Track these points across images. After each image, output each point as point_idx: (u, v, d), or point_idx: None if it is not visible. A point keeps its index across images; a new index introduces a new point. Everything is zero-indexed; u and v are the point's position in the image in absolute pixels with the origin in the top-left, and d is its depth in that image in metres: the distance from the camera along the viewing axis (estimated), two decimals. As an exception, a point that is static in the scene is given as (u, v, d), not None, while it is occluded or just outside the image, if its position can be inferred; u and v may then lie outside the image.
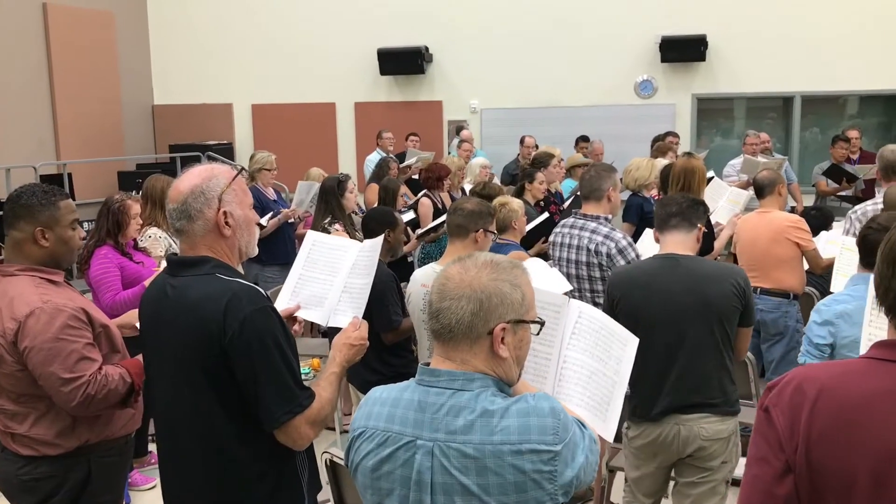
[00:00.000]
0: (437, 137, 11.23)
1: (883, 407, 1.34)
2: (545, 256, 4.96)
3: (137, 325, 2.42)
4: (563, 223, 4.33)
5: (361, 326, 2.42)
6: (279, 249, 6.49)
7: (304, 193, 6.73)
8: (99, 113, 10.66)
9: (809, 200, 8.81)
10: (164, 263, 4.41)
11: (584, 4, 10.75)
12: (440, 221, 5.89)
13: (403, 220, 5.50)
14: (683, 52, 10.46)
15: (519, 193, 6.11)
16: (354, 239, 3.42)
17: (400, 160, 8.47)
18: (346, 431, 4.49)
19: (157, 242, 4.96)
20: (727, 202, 5.91)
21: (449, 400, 1.67)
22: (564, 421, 1.65)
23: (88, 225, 5.61)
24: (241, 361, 2.07)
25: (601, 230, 4.08)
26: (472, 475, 1.62)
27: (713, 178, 6.39)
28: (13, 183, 7.76)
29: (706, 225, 3.55)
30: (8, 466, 2.75)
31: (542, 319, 1.76)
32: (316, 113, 11.54)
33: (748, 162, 7.88)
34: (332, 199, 5.74)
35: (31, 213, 2.73)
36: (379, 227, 4.26)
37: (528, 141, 9.34)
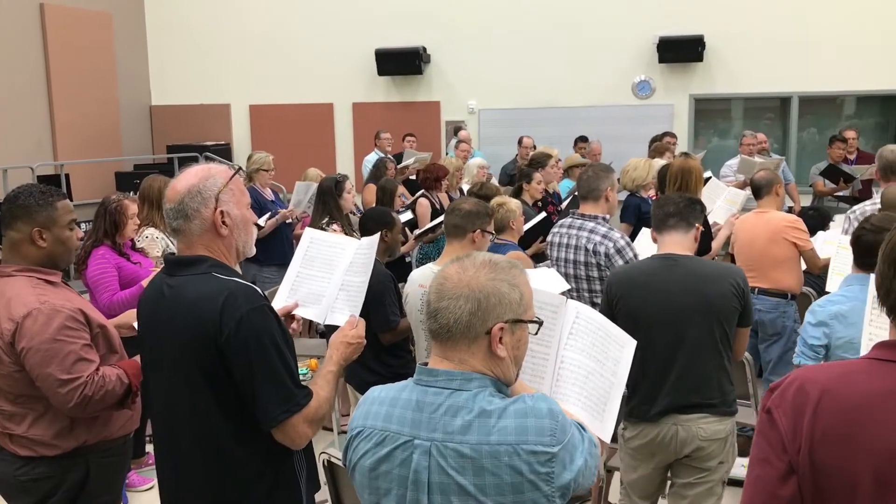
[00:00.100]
0: (434, 138, 11.23)
1: (885, 407, 1.34)
2: (543, 256, 4.96)
3: (135, 325, 2.41)
4: (560, 223, 4.33)
5: (359, 325, 2.42)
6: (277, 250, 6.48)
7: (301, 194, 6.73)
8: (96, 113, 10.65)
9: (807, 201, 8.82)
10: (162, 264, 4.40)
11: (581, 5, 10.76)
12: (438, 222, 5.89)
13: (401, 220, 5.50)
14: (681, 52, 10.47)
15: (517, 194, 6.11)
16: (352, 239, 3.41)
17: (397, 161, 8.47)
18: (344, 432, 4.49)
19: (154, 243, 4.95)
20: (725, 202, 5.91)
21: (447, 400, 1.67)
22: (563, 423, 1.64)
23: (86, 226, 5.60)
24: (237, 360, 2.07)
25: (599, 230, 4.08)
26: (468, 475, 1.62)
27: (710, 178, 6.39)
28: (10, 183, 7.75)
29: (704, 224, 3.54)
30: (6, 467, 2.74)
31: (540, 319, 1.76)
32: (314, 113, 11.54)
33: (745, 162, 7.89)
34: (329, 199, 5.74)
35: (28, 213, 2.73)
36: (376, 227, 4.26)
37: (526, 141, 9.34)
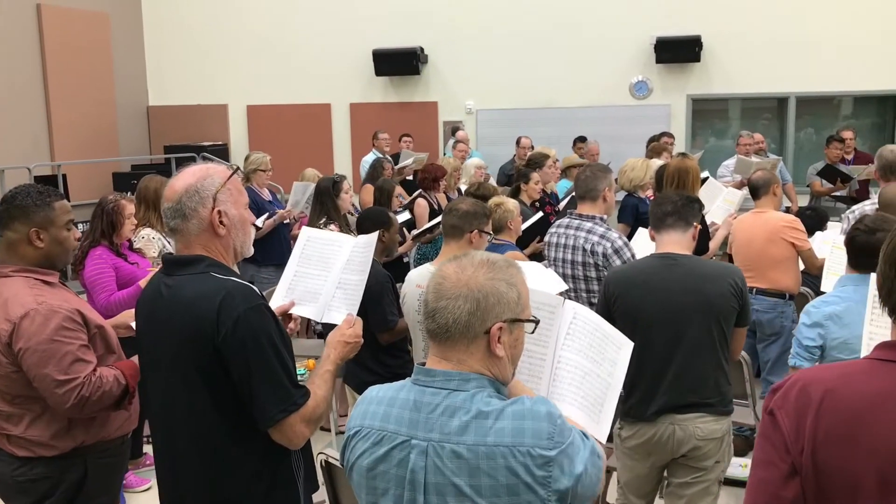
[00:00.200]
0: (432, 138, 11.23)
1: (888, 407, 1.33)
2: (540, 256, 4.96)
3: (133, 325, 2.41)
4: (558, 223, 4.33)
5: (356, 324, 2.42)
6: (275, 250, 6.48)
7: (299, 194, 6.73)
8: (93, 114, 10.64)
9: (804, 201, 8.83)
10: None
11: (579, 6, 10.76)
12: (436, 222, 5.89)
13: (398, 220, 5.50)
14: (678, 52, 10.48)
15: (515, 194, 6.11)
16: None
17: (394, 161, 8.47)
18: (341, 432, 4.48)
19: (150, 244, 4.94)
20: (722, 202, 5.91)
21: (444, 400, 1.67)
22: (561, 427, 1.63)
23: (83, 226, 5.59)
24: (235, 360, 2.07)
25: (597, 230, 4.08)
26: (464, 476, 1.61)
27: (708, 178, 6.40)
28: (7, 184, 7.74)
29: (701, 223, 3.54)
30: (3, 467, 2.74)
31: (536, 318, 1.76)
32: (311, 114, 11.53)
33: (741, 162, 7.89)
34: (327, 199, 5.74)
35: (25, 213, 2.73)
36: (374, 227, 4.25)
37: (524, 142, 9.34)
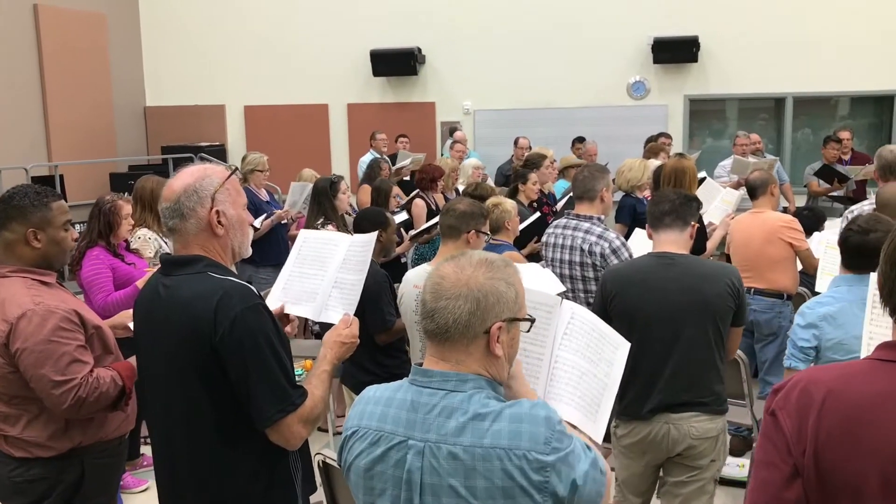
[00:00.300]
0: (430, 139, 11.23)
1: (890, 408, 1.33)
2: (538, 257, 4.96)
3: (130, 325, 2.41)
4: (555, 223, 4.33)
5: (353, 324, 2.42)
6: (272, 251, 6.48)
7: (296, 195, 6.73)
8: (91, 114, 10.63)
9: (801, 201, 8.85)
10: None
11: (576, 6, 10.76)
12: (433, 223, 5.89)
13: (396, 220, 5.50)
14: (675, 53, 10.48)
15: (512, 194, 6.12)
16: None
17: (392, 162, 8.47)
18: (339, 433, 4.48)
19: (146, 244, 4.94)
20: (720, 202, 5.91)
21: (441, 401, 1.67)
22: (560, 432, 1.61)
23: (80, 226, 5.59)
24: (232, 360, 2.06)
25: (595, 230, 4.08)
26: (460, 477, 1.61)
27: (705, 178, 6.40)
28: (4, 184, 7.73)
29: (699, 222, 3.55)
30: (0, 468, 2.74)
31: (532, 317, 1.77)
32: (308, 114, 11.53)
33: (738, 162, 7.90)
34: (324, 200, 5.74)
35: (23, 214, 2.73)
36: (371, 227, 4.25)
37: (521, 142, 9.35)
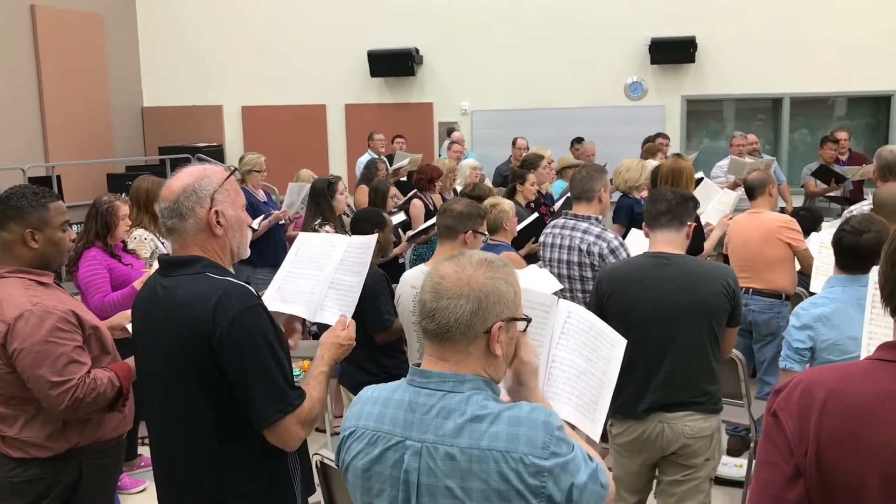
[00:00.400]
0: (427, 139, 11.23)
1: (891, 408, 1.33)
2: (535, 257, 4.97)
3: (128, 326, 2.41)
4: (553, 224, 4.34)
5: (349, 326, 2.42)
6: (270, 251, 6.48)
7: (294, 195, 6.73)
8: (88, 115, 10.61)
9: (798, 201, 8.86)
10: (156, 265, 4.43)
11: (574, 7, 10.76)
12: (431, 223, 5.89)
13: (393, 221, 5.50)
14: (673, 53, 10.48)
15: (510, 195, 6.12)
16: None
17: (389, 162, 8.47)
18: (336, 433, 4.48)
19: (142, 244, 4.93)
20: (718, 203, 5.92)
21: (439, 402, 1.66)
22: (559, 438, 1.60)
23: (77, 227, 5.58)
24: (230, 360, 2.06)
25: (593, 230, 4.08)
26: (456, 478, 1.61)
27: (703, 178, 6.40)
28: (1, 185, 7.68)
29: (696, 222, 3.55)
30: (-2, 469, 2.74)
31: (528, 316, 1.77)
32: (306, 115, 11.52)
33: (735, 163, 7.91)
34: (322, 200, 5.74)
35: (20, 214, 2.73)
36: (368, 227, 4.27)
37: (520, 142, 9.35)
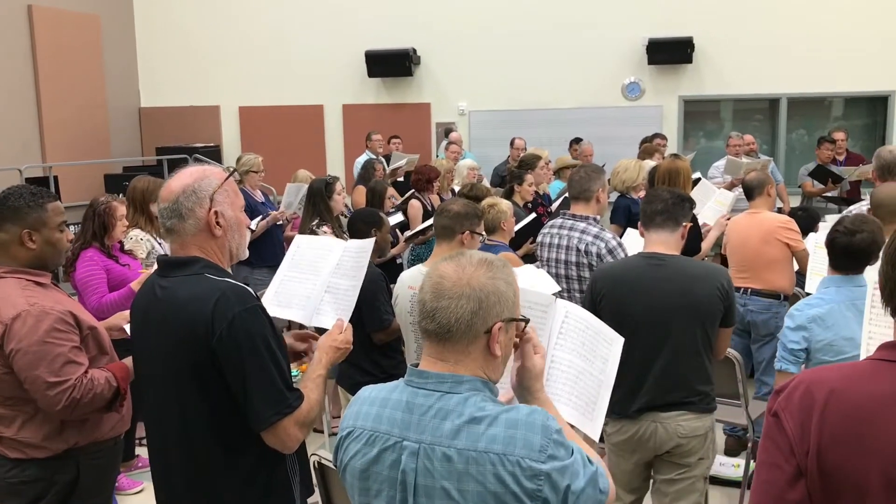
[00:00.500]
0: (425, 140, 11.23)
1: (892, 408, 1.33)
2: (533, 257, 4.97)
3: (126, 327, 2.40)
4: (551, 224, 4.34)
5: (347, 329, 2.42)
6: (268, 252, 6.48)
7: (292, 195, 6.73)
8: (85, 115, 10.59)
9: (795, 201, 8.88)
10: (154, 265, 4.43)
11: (571, 8, 10.77)
12: (429, 224, 5.89)
13: (391, 222, 5.50)
14: (670, 54, 10.49)
15: (508, 195, 6.12)
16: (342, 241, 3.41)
17: (386, 162, 8.47)
18: (334, 434, 4.48)
19: (138, 245, 4.93)
20: (714, 203, 5.93)
21: (437, 403, 1.66)
22: (557, 441, 1.59)
23: (74, 227, 5.58)
24: (229, 361, 2.06)
25: (591, 230, 4.09)
26: (453, 480, 1.60)
27: (700, 179, 6.41)
28: (-2, 186, 7.70)
29: (693, 222, 3.55)
30: (-5, 469, 2.74)
31: (526, 316, 1.77)
32: (304, 115, 11.52)
33: (732, 163, 7.92)
34: (319, 201, 5.74)
35: (18, 214, 2.73)
36: (365, 227, 4.27)
37: (517, 143, 9.36)
